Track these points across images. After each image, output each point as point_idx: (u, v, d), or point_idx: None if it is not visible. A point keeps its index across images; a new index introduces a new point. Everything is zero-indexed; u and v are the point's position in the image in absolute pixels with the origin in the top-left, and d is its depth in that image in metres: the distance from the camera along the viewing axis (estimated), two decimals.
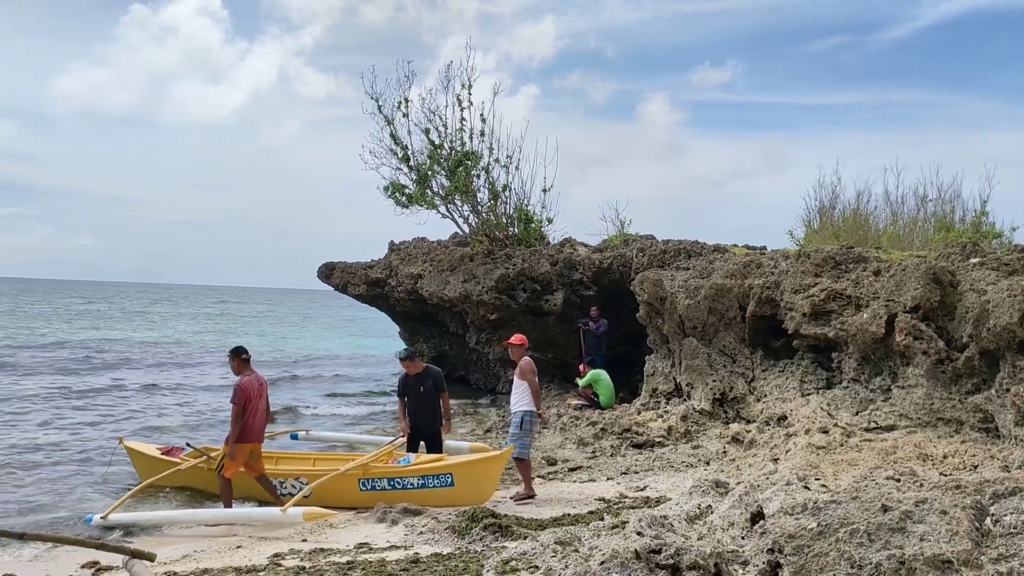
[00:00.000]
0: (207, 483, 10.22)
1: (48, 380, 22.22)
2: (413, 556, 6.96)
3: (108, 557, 7.13)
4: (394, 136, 20.62)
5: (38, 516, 9.37)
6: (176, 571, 6.90)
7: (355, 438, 13.80)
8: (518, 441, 9.53)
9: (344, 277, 23.16)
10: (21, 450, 12.82)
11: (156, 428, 15.60)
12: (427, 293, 20.06)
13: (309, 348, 39.23)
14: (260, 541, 8.09)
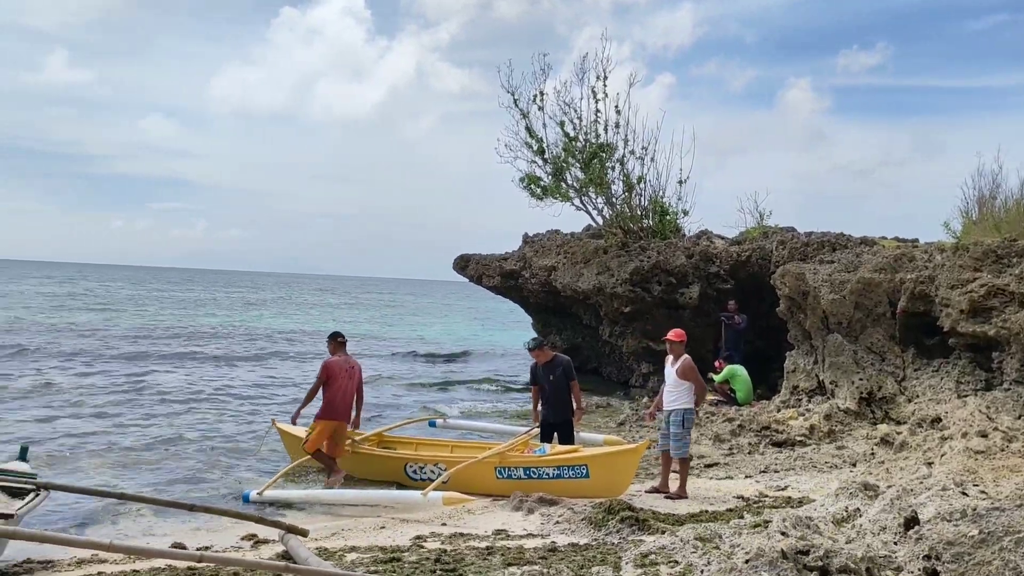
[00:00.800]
0: (350, 467, 10.67)
1: (246, 369, 23.80)
2: (550, 545, 7.04)
3: (265, 531, 7.57)
4: (529, 129, 20.76)
5: (202, 491, 10.04)
6: (327, 547, 7.25)
7: (491, 426, 14.05)
8: (679, 440, 9.39)
9: (479, 269, 23.55)
10: (199, 431, 13.81)
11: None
12: (560, 285, 20.14)
13: (452, 338, 40.10)
14: (402, 523, 8.39)
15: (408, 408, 17.48)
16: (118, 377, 20.18)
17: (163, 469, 11.22)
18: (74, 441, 12.57)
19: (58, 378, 19.32)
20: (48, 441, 12.37)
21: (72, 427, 13.71)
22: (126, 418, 14.79)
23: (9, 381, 18.30)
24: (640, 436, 13.16)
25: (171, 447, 12.50)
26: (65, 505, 8.77)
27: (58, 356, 23.94)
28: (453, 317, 62.70)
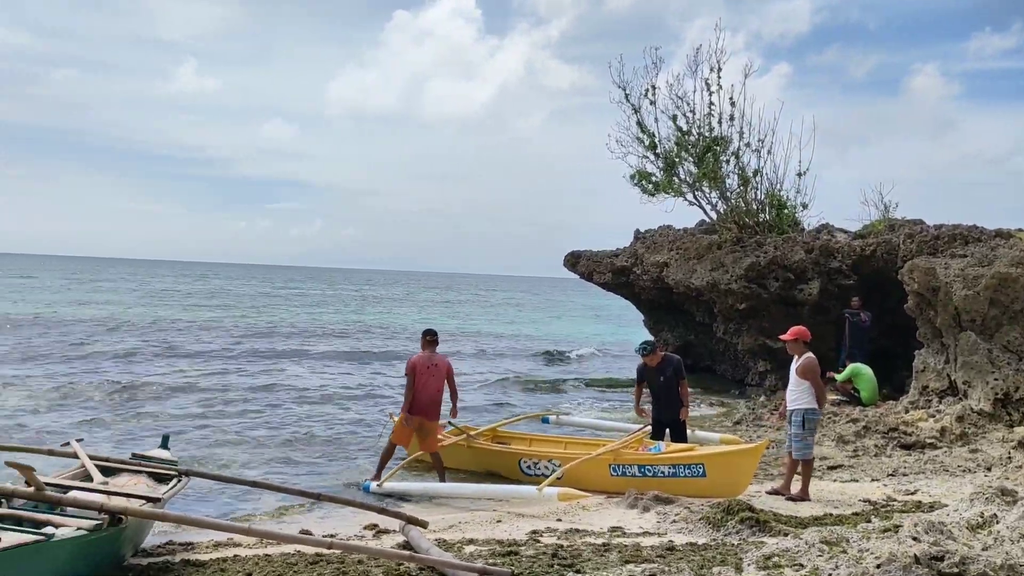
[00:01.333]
0: (465, 460, 10.86)
1: (371, 364, 24.67)
2: (667, 544, 6.98)
3: (386, 521, 7.80)
4: (641, 124, 20.56)
5: (325, 481, 10.42)
6: (445, 539, 7.40)
7: (604, 424, 14.01)
8: (801, 442, 9.15)
9: (590, 265, 23.49)
10: (323, 424, 14.38)
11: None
12: (673, 282, 19.87)
13: (564, 336, 40.15)
14: (518, 518, 8.47)
15: (522, 404, 17.64)
16: (251, 372, 21.25)
17: (289, 460, 11.72)
18: (209, 431, 13.29)
19: (196, 373, 20.53)
20: (187, 431, 13.12)
21: (207, 419, 14.50)
22: (256, 411, 15.53)
23: (156, 377, 19.52)
24: (758, 436, 12.86)
25: (297, 439, 13.04)
26: (201, 491, 9.28)
27: (196, 352, 25.38)
28: (566, 314, 62.71)
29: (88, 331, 30.37)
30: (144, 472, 7.49)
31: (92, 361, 21.88)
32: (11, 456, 6.79)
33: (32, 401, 15.38)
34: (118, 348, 25.08)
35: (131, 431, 13.11)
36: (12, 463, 5.45)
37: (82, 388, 17.15)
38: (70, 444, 7.61)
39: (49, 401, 15.51)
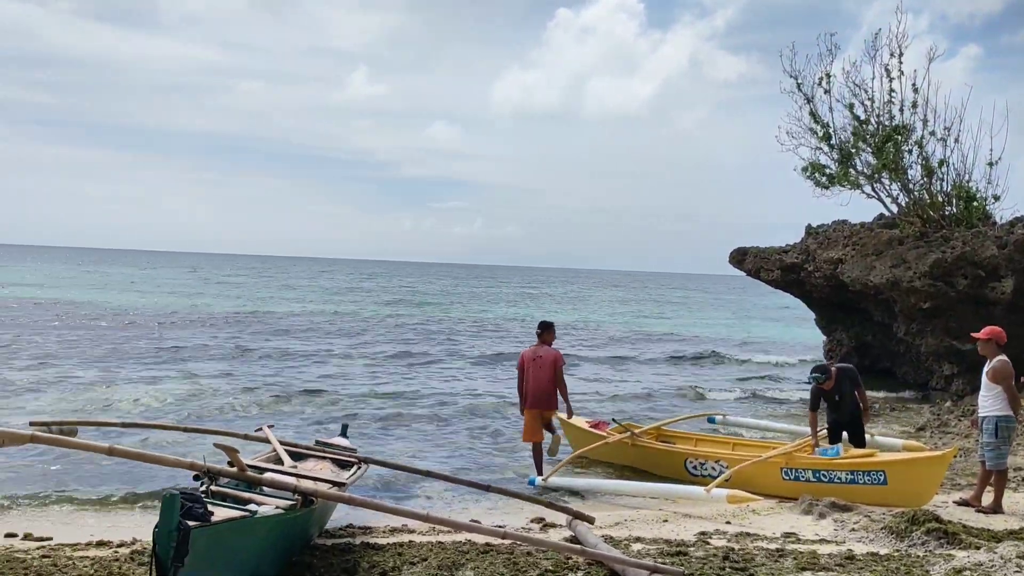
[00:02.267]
0: (629, 458, 10.81)
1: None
2: (847, 552, 6.69)
3: (552, 515, 7.91)
4: (814, 114, 19.66)
5: (492, 473, 10.69)
6: (611, 535, 7.42)
7: (774, 426, 13.57)
8: (994, 451, 8.54)
9: (757, 262, 22.73)
10: (492, 417, 14.83)
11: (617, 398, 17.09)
12: (848, 279, 18.90)
13: (729, 334, 39.16)
14: (684, 518, 8.37)
15: (687, 404, 17.37)
16: (426, 364, 22.12)
17: (458, 450, 12.10)
18: (382, 422, 13.92)
19: (376, 365, 21.64)
20: (362, 419, 13.82)
21: (380, 410, 15.21)
22: (429, 401, 16.14)
23: (343, 367, 20.72)
24: (944, 443, 12.08)
25: (466, 430, 13.45)
26: (376, 478, 9.74)
27: (382, 344, 26.73)
28: (734, 312, 60.92)
29: (291, 325, 32.64)
30: (328, 458, 7.96)
31: (290, 356, 23.40)
32: (214, 439, 7.39)
33: (229, 383, 16.68)
34: (312, 348, 26.73)
35: (317, 418, 13.95)
36: (219, 445, 5.96)
37: (277, 379, 18.42)
38: (262, 429, 8.19)
39: (241, 388, 16.74)
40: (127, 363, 19.86)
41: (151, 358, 21.01)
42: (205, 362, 20.70)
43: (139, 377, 17.79)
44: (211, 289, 60.10)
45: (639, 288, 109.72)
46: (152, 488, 9.04)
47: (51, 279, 64.73)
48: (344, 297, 57.80)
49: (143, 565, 6.20)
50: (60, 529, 7.59)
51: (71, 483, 9.29)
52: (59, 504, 8.58)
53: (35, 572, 5.93)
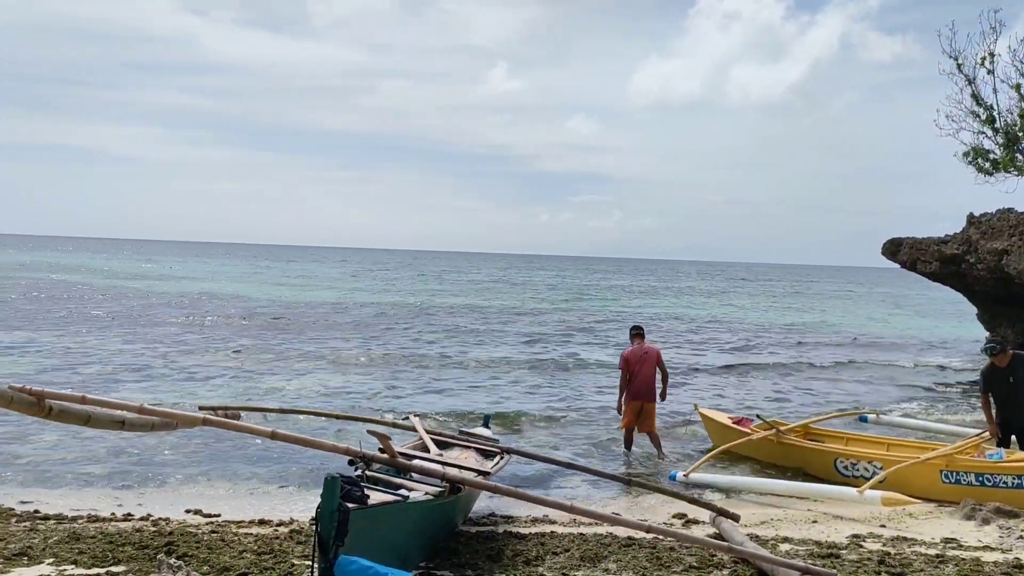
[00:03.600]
0: (774, 455, 10.51)
1: (682, 351, 24.95)
2: (1014, 561, 6.28)
3: (695, 511, 7.80)
4: (976, 96, 18.49)
5: (631, 468, 10.64)
6: (758, 534, 7.25)
7: (933, 426, 12.84)
8: None
9: (913, 254, 21.58)
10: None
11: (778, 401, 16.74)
12: (1015, 271, 17.67)
13: (883, 328, 37.28)
14: (835, 519, 8.06)
15: (835, 401, 16.69)
16: (559, 355, 22.26)
17: (595, 442, 12.10)
18: (524, 416, 14.07)
19: (514, 354, 21.98)
20: (498, 410, 14.05)
21: (516, 400, 15.42)
22: (562, 393, 16.23)
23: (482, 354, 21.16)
24: None
25: (601, 422, 13.43)
26: (515, 469, 9.88)
27: (515, 335, 27.13)
28: (889, 307, 57.85)
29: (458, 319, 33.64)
30: (472, 448, 8.16)
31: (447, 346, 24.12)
32: (367, 427, 7.72)
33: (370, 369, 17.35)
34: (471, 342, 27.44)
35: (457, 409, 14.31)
36: (372, 431, 6.22)
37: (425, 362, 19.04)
38: (409, 418, 8.48)
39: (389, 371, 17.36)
40: (287, 353, 20.94)
41: (311, 347, 22.07)
42: (355, 351, 21.58)
43: (298, 368, 18.71)
44: (367, 284, 62.19)
45: (787, 281, 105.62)
46: (302, 471, 9.55)
47: (217, 274, 69.07)
48: (503, 290, 58.51)
49: (301, 543, 6.56)
50: (225, 507, 8.14)
51: (233, 464, 9.92)
52: (224, 483, 9.18)
53: (206, 546, 6.39)
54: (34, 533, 6.67)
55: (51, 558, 5.89)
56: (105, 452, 10.19)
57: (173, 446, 10.49)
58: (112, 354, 19.37)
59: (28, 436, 10.85)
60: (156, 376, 16.61)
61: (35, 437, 10.80)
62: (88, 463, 9.73)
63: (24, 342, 20.87)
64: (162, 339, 22.69)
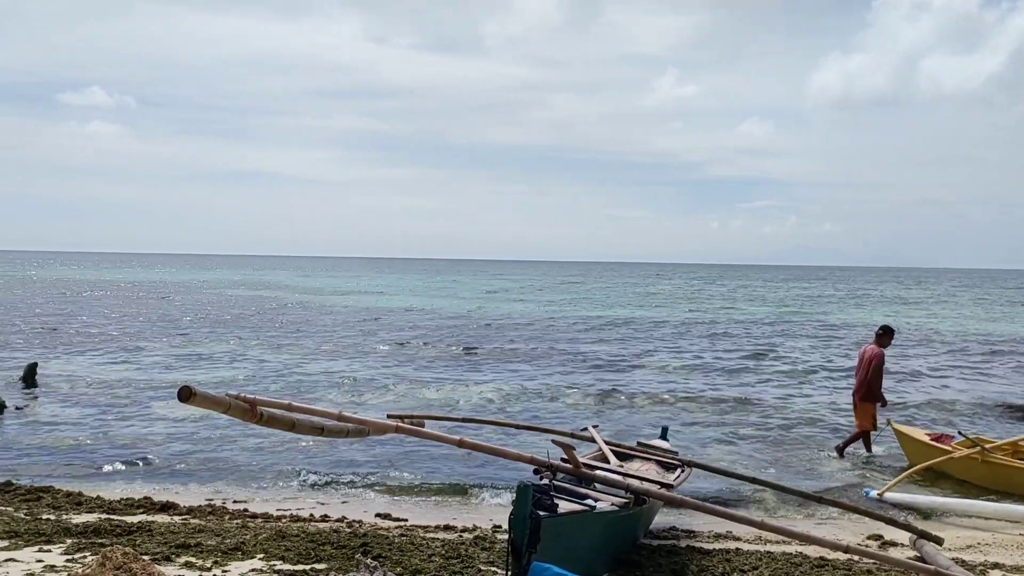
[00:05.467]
0: (979, 475, 9.76)
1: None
2: None
3: (892, 532, 7.35)
4: None
5: (814, 483, 10.16)
6: (964, 559, 6.75)
7: None
8: None
9: None
10: (817, 420, 14.29)
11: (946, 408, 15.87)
12: None
13: None
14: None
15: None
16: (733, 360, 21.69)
17: (778, 456, 11.67)
18: (704, 427, 13.76)
19: (674, 361, 21.63)
20: (678, 425, 13.82)
21: (696, 413, 15.13)
22: (759, 408, 15.74)
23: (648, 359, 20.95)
24: None
25: (791, 438, 12.93)
26: (694, 483, 9.65)
27: (693, 339, 26.65)
28: None
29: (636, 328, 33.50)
30: (652, 460, 8.08)
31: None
32: (542, 438, 7.83)
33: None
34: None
35: (632, 423, 14.19)
36: (557, 441, 6.30)
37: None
38: (587, 429, 8.51)
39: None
40: (477, 364, 21.52)
41: (495, 359, 22.64)
42: (542, 362, 21.88)
43: (484, 377, 19.16)
44: (553, 295, 61.92)
45: (1006, 289, 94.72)
46: (482, 480, 9.79)
47: (413, 288, 71.55)
48: (705, 300, 56.93)
49: (485, 550, 6.73)
50: (411, 511, 8.49)
51: (416, 471, 10.32)
52: (408, 489, 9.57)
53: (397, 548, 6.67)
54: (245, 530, 7.21)
55: (261, 553, 6.34)
56: (302, 457, 10.89)
57: (362, 452, 11.05)
58: (315, 362, 20.68)
59: (234, 439, 11.77)
60: (356, 385, 17.55)
61: (242, 441, 11.70)
62: (287, 466, 10.42)
63: (235, 352, 22.69)
64: (371, 350, 23.98)
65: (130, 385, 16.73)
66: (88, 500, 8.37)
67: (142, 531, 6.90)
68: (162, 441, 11.75)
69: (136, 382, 17.14)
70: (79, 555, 6.03)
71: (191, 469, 10.30)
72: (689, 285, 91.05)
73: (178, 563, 5.96)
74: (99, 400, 15.02)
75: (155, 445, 11.51)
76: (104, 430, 12.46)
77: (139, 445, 11.50)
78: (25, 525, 6.94)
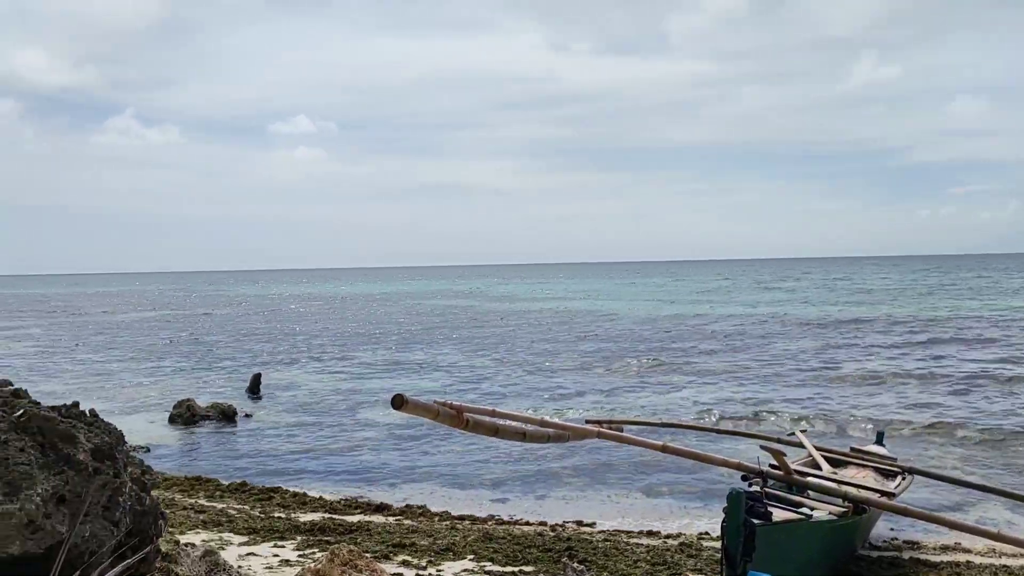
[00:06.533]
0: None
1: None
2: None
3: None
4: None
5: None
6: None
7: None
8: None
9: None
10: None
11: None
12: None
13: None
14: None
15: None
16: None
17: (1011, 464, 10.67)
18: (920, 432, 12.79)
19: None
20: (898, 425, 12.95)
21: (914, 415, 14.09)
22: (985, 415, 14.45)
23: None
24: None
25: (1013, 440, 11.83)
26: (913, 490, 8.99)
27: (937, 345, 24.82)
28: None
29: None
30: (869, 466, 7.62)
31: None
32: (750, 444, 7.58)
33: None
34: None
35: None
36: (766, 447, 6.09)
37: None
38: (795, 434, 8.16)
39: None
40: (674, 370, 21.08)
41: (702, 363, 22.20)
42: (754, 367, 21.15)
43: (682, 384, 18.74)
44: (776, 296, 57.56)
45: None
46: (685, 487, 9.61)
47: (595, 292, 71.39)
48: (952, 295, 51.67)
49: (692, 556, 6.61)
50: (612, 517, 8.50)
51: (615, 477, 10.29)
52: (607, 495, 9.57)
53: (602, 552, 6.70)
54: (455, 531, 7.50)
55: (471, 555, 6.57)
56: (500, 461, 11.18)
57: (556, 459, 11.17)
58: (510, 369, 21.21)
59: (439, 445, 12.27)
60: (550, 390, 17.82)
61: (445, 446, 12.17)
62: (486, 470, 10.73)
63: (435, 361, 23.68)
64: (564, 356, 24.30)
65: (343, 393, 17.88)
66: (312, 500, 9.02)
67: (361, 530, 7.35)
68: (374, 446, 12.45)
69: (348, 390, 18.28)
70: (309, 551, 6.51)
71: (400, 473, 10.84)
72: (905, 279, 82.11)
73: (396, 561, 6.28)
74: (316, 407, 16.15)
75: (368, 450, 12.21)
76: (321, 435, 13.38)
77: (353, 450, 12.24)
78: (260, 523, 7.57)
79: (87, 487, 2.44)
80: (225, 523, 7.52)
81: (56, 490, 2.37)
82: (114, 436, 2.74)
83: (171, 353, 27.38)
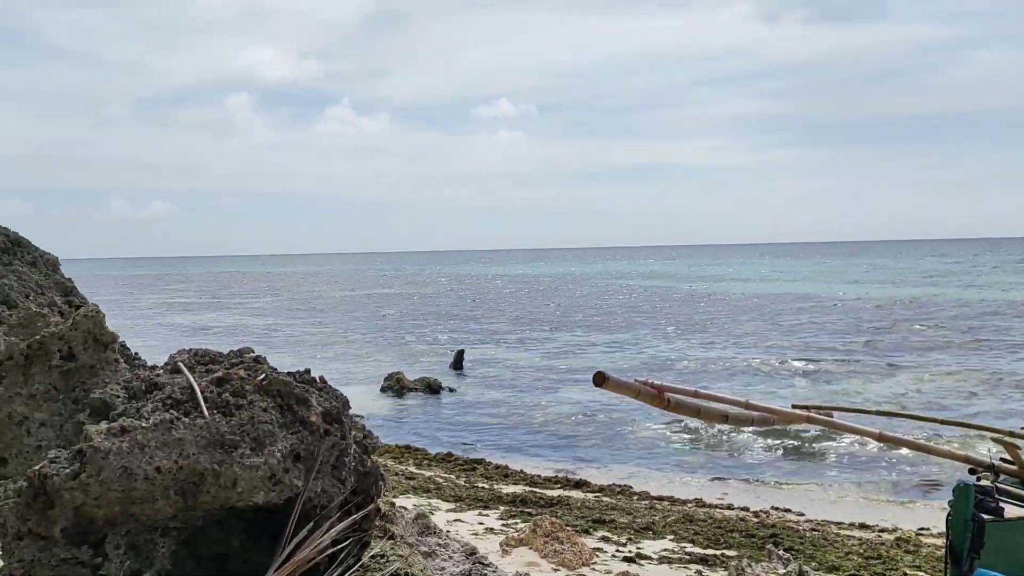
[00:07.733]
0: None
1: None
2: None
3: None
4: None
5: None
6: None
7: None
8: None
9: None
10: None
11: None
12: None
13: None
14: None
15: None
16: None
17: None
18: None
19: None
20: None
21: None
22: None
23: None
24: None
25: None
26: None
27: None
28: None
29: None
30: None
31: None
32: (976, 435, 7.00)
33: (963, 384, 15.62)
34: None
35: None
36: (998, 439, 5.60)
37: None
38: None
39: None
40: (885, 354, 19.97)
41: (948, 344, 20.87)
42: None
43: (898, 368, 17.71)
44: (1000, 277, 53.10)
45: None
46: (897, 479, 9.08)
47: (802, 274, 67.65)
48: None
49: (910, 552, 6.23)
50: (818, 506, 8.16)
51: (820, 466, 9.85)
52: (813, 484, 9.19)
53: (810, 542, 6.46)
54: (654, 511, 7.48)
55: (671, 535, 6.53)
56: (699, 443, 11.01)
57: (762, 444, 10.84)
58: (712, 349, 20.81)
59: (638, 423, 12.26)
60: (750, 372, 17.36)
61: (644, 424, 12.15)
62: (686, 452, 10.61)
63: (633, 339, 23.66)
64: (767, 337, 23.62)
65: (542, 370, 18.27)
66: (513, 473, 9.31)
67: (561, 504, 7.50)
68: (574, 423, 12.64)
69: (547, 367, 18.65)
70: (511, 521, 6.73)
71: (599, 449, 10.94)
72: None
73: (596, 536, 6.37)
74: (516, 383, 16.61)
75: (567, 425, 12.43)
76: (522, 410, 13.76)
77: (552, 426, 12.50)
78: (466, 492, 7.92)
79: (319, 446, 2.66)
80: (433, 490, 7.92)
81: (293, 448, 2.59)
82: (340, 401, 2.96)
83: (387, 327, 29.11)
